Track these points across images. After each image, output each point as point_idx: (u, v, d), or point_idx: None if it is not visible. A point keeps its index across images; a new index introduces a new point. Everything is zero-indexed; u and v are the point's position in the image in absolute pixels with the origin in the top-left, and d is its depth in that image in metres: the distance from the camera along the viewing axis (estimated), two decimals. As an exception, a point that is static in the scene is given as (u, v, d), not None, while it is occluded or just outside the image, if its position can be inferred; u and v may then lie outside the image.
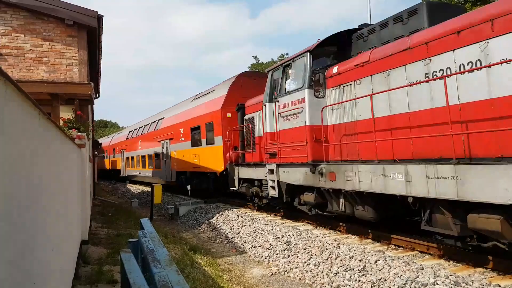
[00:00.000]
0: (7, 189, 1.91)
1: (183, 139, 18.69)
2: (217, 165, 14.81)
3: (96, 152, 26.27)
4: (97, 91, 15.71)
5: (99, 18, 9.84)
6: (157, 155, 23.04)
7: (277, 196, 10.54)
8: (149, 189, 22.06)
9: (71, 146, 6.33)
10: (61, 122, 8.22)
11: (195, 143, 17.15)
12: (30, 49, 9.41)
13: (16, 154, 2.15)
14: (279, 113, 10.23)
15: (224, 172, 14.23)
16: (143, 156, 26.27)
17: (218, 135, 14.84)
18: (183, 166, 18.64)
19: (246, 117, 13.10)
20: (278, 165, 10.34)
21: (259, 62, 43.74)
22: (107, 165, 39.99)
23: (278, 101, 10.33)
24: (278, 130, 10.32)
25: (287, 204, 10.64)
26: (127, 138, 31.70)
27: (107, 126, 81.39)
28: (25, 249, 2.39)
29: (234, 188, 13.38)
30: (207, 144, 15.82)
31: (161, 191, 14.95)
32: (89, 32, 10.00)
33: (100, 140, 48.54)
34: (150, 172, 24.86)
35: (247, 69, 38.17)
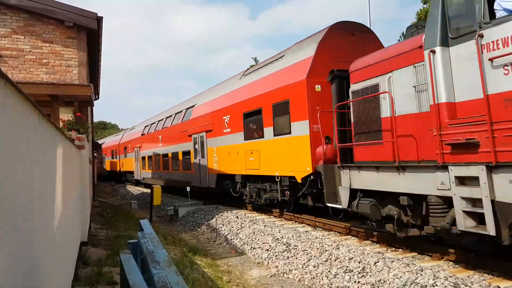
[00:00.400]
0: (6, 190, 1.92)
1: (228, 130, 13.82)
2: (298, 165, 9.82)
3: (95, 154, 26.21)
4: (96, 92, 15.72)
5: (99, 20, 9.85)
6: (186, 153, 18.23)
7: (489, 233, 5.11)
8: (148, 190, 22.01)
9: (70, 148, 6.34)
10: (61, 124, 8.22)
11: (251, 134, 12.30)
12: (30, 51, 9.42)
13: (15, 155, 2.16)
14: (492, 59, 5.09)
15: (311, 178, 9.46)
16: (165, 156, 21.44)
17: (299, 119, 9.79)
18: (229, 168, 13.77)
19: (355, 87, 7.99)
20: (491, 167, 5.11)
21: (259, 63, 43.77)
22: (117, 167, 35.13)
23: (482, 36, 5.23)
24: (488, 93, 5.14)
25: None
26: (143, 134, 26.52)
27: (107, 128, 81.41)
28: (24, 251, 2.39)
29: (338, 206, 8.38)
30: (275, 135, 10.92)
31: (160, 192, 14.93)
32: (88, 33, 10.01)
33: (108, 138, 46.38)
34: (176, 174, 19.85)
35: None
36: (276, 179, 10.87)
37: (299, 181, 9.77)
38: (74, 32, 9.76)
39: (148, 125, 26.41)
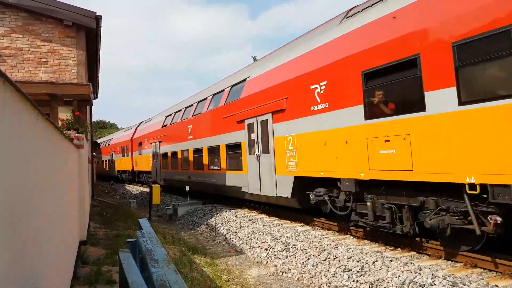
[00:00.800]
0: (5, 189, 1.92)
1: (324, 105, 8.61)
2: None
3: (94, 153, 26.05)
4: (95, 91, 15.71)
5: (98, 19, 9.84)
6: (232, 146, 13.34)
7: None
8: (147, 189, 21.97)
9: (69, 147, 6.34)
10: (60, 123, 8.22)
11: (385, 108, 7.17)
12: (29, 50, 9.41)
13: (14, 154, 2.16)
14: None
15: None
16: (197, 151, 16.55)
17: None
18: (324, 167, 8.70)
19: None
20: None
21: None
22: (129, 165, 30.28)
23: None
24: None
25: None
26: (164, 126, 21.59)
27: (106, 127, 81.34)
28: (24, 250, 2.39)
29: None
30: (465, 103, 5.75)
31: (159, 192, 14.95)
32: (87, 32, 10.00)
33: (117, 133, 42.91)
34: (214, 176, 14.88)
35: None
36: (468, 191, 5.69)
37: None
38: (73, 31, 9.75)
39: (171, 114, 21.22)
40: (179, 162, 18.96)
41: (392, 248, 7.68)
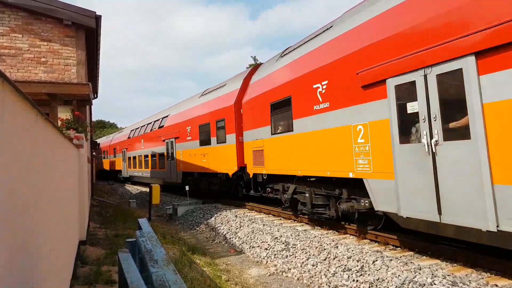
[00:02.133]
0: (4, 189, 1.91)
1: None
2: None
3: (94, 153, 26.21)
4: (95, 91, 15.70)
5: (97, 18, 9.83)
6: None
7: None
8: (147, 189, 22.01)
9: (69, 147, 6.33)
10: (59, 123, 8.21)
11: None
12: (28, 49, 9.40)
13: (13, 154, 2.16)
14: None
15: None
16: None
17: None
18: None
19: None
20: None
21: (258, 62, 43.80)
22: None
23: None
24: None
25: None
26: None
27: (106, 127, 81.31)
28: (23, 250, 2.39)
29: None
30: None
31: (159, 191, 14.93)
32: (87, 32, 9.99)
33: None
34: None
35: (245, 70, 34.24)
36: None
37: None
38: (73, 31, 9.74)
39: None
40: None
41: (392, 247, 7.69)
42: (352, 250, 7.43)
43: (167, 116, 21.64)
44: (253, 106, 11.90)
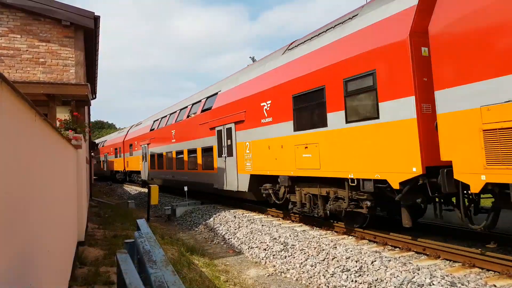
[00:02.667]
0: (2, 190, 1.91)
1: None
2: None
3: (92, 153, 25.99)
4: (93, 92, 15.67)
5: (96, 19, 9.82)
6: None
7: None
8: (145, 190, 21.93)
9: (67, 147, 6.32)
10: (58, 123, 8.20)
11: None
12: (27, 50, 9.38)
13: (12, 155, 2.15)
14: None
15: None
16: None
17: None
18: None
19: None
20: None
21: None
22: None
23: None
24: None
25: None
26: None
27: (104, 127, 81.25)
28: (21, 250, 2.38)
29: None
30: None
31: (157, 192, 14.93)
32: (86, 33, 9.98)
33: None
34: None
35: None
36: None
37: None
38: (71, 32, 9.73)
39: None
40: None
41: (391, 248, 7.69)
42: (351, 251, 7.43)
43: (216, 93, 15.47)
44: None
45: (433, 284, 5.52)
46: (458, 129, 5.81)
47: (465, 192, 6.34)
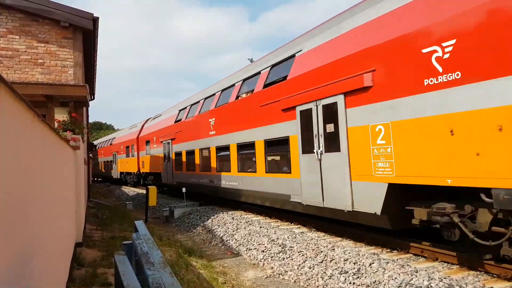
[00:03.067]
0: (1, 191, 1.91)
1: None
2: None
3: (90, 154, 25.84)
4: (92, 93, 15.66)
5: (95, 20, 9.82)
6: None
7: None
8: (143, 191, 21.85)
9: (65, 148, 6.31)
10: (56, 124, 8.19)
11: None
12: (25, 51, 9.37)
13: (10, 156, 2.15)
14: None
15: None
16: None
17: None
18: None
19: None
20: None
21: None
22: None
23: None
24: None
25: None
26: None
27: (102, 128, 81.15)
28: (18, 252, 2.38)
29: None
30: None
31: (156, 193, 14.91)
32: (84, 34, 9.97)
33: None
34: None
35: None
36: None
37: None
38: (70, 32, 9.72)
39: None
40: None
41: (389, 250, 7.69)
42: (349, 253, 7.43)
43: (292, 56, 10.19)
44: None
45: (431, 286, 5.53)
46: None
47: None
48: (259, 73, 11.96)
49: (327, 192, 8.39)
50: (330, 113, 8.30)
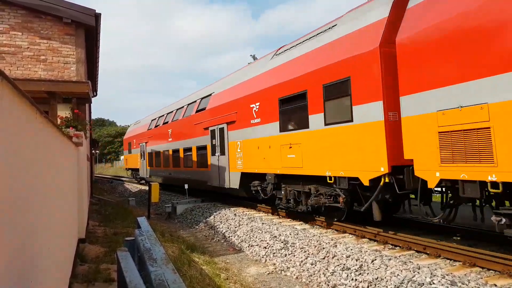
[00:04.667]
0: (3, 187, 1.91)
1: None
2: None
3: (93, 150, 25.90)
4: (94, 89, 15.67)
5: (97, 17, 9.81)
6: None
7: None
8: (146, 187, 21.92)
9: (68, 145, 6.32)
10: (59, 121, 8.20)
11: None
12: (28, 47, 9.37)
13: (12, 152, 2.15)
14: None
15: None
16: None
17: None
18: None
19: None
20: None
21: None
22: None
23: None
24: None
25: None
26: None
27: (105, 125, 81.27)
28: (22, 248, 2.39)
29: None
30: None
31: (158, 190, 14.94)
32: (87, 30, 9.97)
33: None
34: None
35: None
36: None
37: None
38: (72, 29, 9.72)
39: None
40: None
41: (391, 247, 7.69)
42: (351, 249, 7.43)
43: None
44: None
45: (434, 283, 5.52)
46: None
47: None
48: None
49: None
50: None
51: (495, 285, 5.30)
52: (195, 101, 17.49)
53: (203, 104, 16.29)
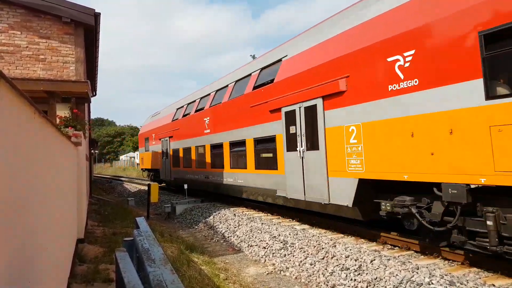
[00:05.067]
0: (2, 187, 1.90)
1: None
2: None
3: (92, 150, 25.80)
4: (94, 89, 15.66)
5: (96, 16, 9.80)
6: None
7: None
8: (145, 187, 21.90)
9: (67, 144, 6.31)
10: (58, 120, 8.19)
11: None
12: (27, 47, 9.36)
13: (11, 152, 2.15)
14: None
15: None
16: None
17: None
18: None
19: None
20: None
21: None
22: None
23: None
24: None
25: None
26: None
27: (104, 124, 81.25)
28: (20, 248, 2.38)
29: None
30: None
31: (157, 190, 14.93)
32: (86, 30, 9.96)
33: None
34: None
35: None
36: None
37: None
38: (72, 28, 9.71)
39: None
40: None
41: (390, 247, 7.69)
42: (350, 249, 7.44)
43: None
44: None
45: (432, 283, 5.52)
46: None
47: None
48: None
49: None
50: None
51: (493, 285, 5.30)
52: (250, 75, 12.51)
53: (267, 76, 11.38)
